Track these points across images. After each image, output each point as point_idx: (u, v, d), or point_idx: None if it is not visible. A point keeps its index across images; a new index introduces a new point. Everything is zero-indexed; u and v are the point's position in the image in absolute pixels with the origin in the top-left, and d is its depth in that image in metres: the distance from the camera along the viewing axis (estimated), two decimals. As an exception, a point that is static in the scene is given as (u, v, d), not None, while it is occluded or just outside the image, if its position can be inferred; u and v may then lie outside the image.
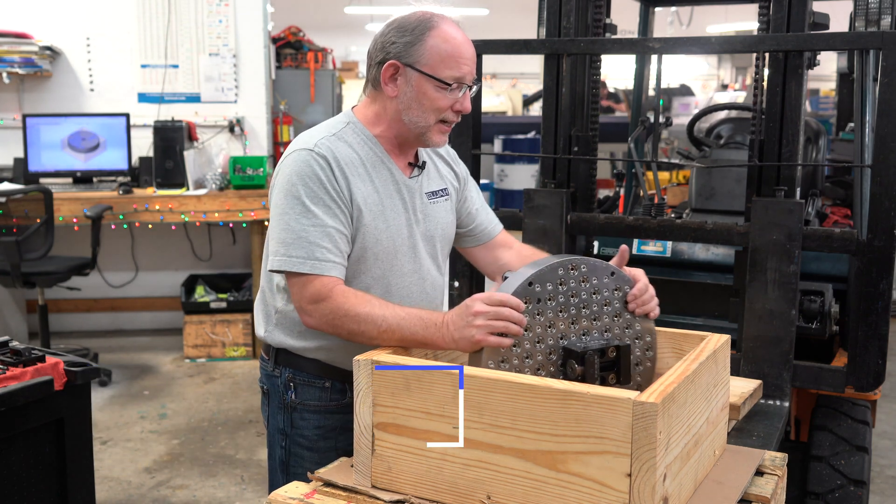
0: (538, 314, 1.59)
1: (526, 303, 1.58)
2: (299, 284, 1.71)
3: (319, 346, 1.82)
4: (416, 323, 1.63)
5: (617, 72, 15.11)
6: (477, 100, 2.96)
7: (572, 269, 1.64)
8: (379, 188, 1.80)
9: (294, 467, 1.87)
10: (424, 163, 1.90)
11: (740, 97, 12.42)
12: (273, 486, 1.89)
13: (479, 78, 1.94)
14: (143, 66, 5.57)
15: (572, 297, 1.64)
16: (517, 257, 2.03)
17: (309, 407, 1.87)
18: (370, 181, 1.79)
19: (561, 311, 1.62)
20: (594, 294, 1.67)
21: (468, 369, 1.46)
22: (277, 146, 5.86)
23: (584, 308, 1.65)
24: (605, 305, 1.68)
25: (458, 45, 1.75)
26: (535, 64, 15.90)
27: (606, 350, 1.62)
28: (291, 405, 1.88)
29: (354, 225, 1.76)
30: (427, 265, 1.89)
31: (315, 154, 1.73)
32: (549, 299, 1.61)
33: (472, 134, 2.95)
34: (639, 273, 1.73)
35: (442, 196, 1.93)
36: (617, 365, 1.64)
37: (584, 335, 1.65)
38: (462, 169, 2.03)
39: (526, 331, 1.58)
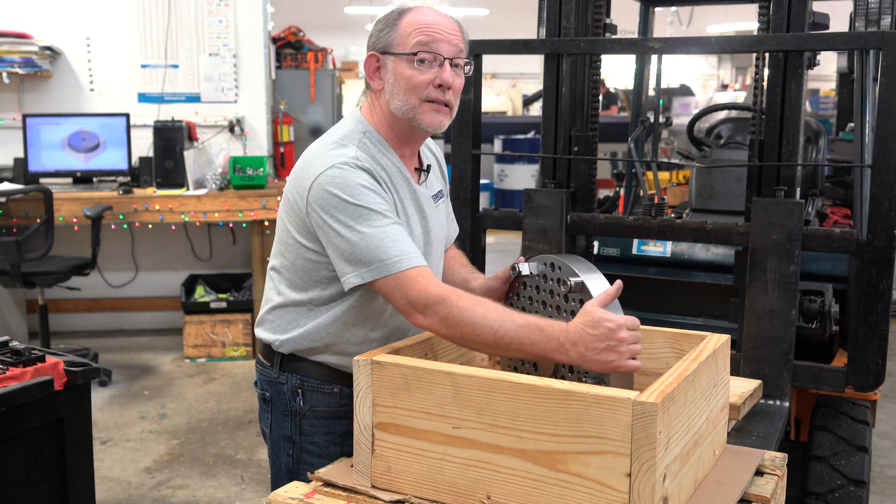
0: None
1: None
2: (403, 287, 1.60)
3: (342, 349, 1.78)
4: (535, 333, 1.54)
5: (617, 72, 15.11)
6: (477, 100, 2.96)
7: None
8: (403, 198, 1.78)
9: (303, 476, 1.80)
10: (429, 166, 1.89)
11: (740, 97, 12.42)
12: None
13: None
14: (143, 66, 5.57)
15: None
16: (451, 270, 2.03)
17: (318, 413, 1.82)
18: (396, 191, 1.76)
19: None
20: None
21: (468, 369, 1.46)
22: (277, 146, 5.86)
23: None
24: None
25: (427, 17, 1.72)
26: (535, 64, 15.90)
27: None
28: (300, 412, 1.82)
29: None
30: (436, 269, 1.89)
31: (358, 167, 1.67)
32: None
33: (472, 134, 2.94)
34: None
35: (441, 198, 1.93)
36: None
37: None
38: (447, 171, 2.04)
39: None
